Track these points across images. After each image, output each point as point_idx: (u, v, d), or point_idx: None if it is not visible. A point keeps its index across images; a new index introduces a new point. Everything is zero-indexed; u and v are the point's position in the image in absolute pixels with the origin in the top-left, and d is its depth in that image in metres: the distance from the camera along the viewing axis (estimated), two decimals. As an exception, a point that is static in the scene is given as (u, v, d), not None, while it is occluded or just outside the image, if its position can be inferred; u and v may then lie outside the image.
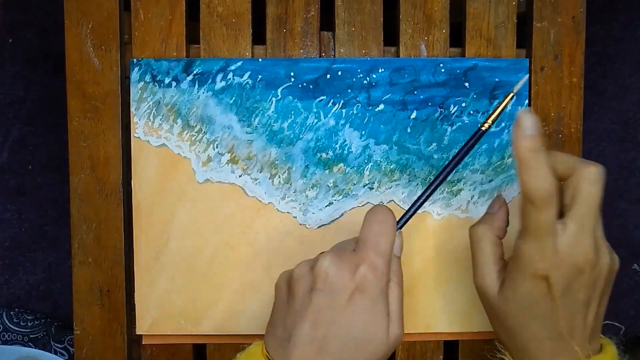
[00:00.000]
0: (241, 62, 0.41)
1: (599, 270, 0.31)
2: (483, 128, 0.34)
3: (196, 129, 0.41)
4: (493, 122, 0.34)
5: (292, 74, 0.41)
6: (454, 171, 0.42)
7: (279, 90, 0.41)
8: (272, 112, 0.41)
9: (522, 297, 0.31)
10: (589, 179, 0.30)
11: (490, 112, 0.34)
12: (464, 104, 0.41)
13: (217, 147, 0.41)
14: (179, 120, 0.41)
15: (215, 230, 0.41)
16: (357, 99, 0.41)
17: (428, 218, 0.42)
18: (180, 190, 0.41)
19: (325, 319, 0.31)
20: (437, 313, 0.42)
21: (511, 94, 0.34)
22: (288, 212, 0.42)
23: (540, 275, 0.30)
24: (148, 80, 0.41)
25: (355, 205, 0.42)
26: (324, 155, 0.41)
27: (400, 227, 0.35)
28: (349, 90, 0.41)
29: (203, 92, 0.41)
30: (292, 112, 0.41)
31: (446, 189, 0.42)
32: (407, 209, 0.36)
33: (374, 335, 0.31)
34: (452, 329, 0.42)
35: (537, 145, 0.29)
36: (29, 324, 0.83)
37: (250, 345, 0.34)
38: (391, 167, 0.42)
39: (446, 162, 0.42)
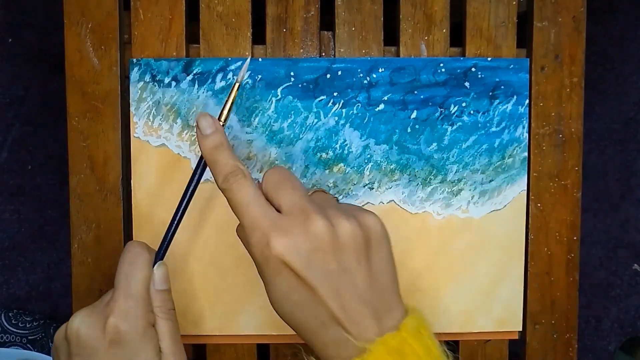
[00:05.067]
0: (241, 61, 0.41)
1: (342, 237, 0.29)
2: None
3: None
4: (228, 114, 0.34)
5: (292, 73, 0.41)
6: (454, 171, 0.42)
7: (279, 90, 0.41)
8: (272, 112, 0.41)
9: (280, 294, 0.29)
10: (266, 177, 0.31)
11: (221, 109, 0.34)
12: (464, 104, 0.41)
13: (217, 147, 0.41)
14: (178, 120, 0.41)
15: (215, 230, 0.41)
16: (357, 98, 0.41)
17: (428, 218, 0.42)
18: (180, 190, 0.41)
19: None
20: (437, 313, 0.42)
21: (237, 84, 0.34)
22: (288, 212, 0.42)
23: (277, 260, 0.28)
24: (148, 80, 0.41)
25: (356, 205, 0.42)
26: (324, 155, 0.41)
27: (162, 258, 0.34)
28: (349, 90, 0.41)
29: (203, 92, 0.41)
30: (292, 112, 0.41)
31: (446, 189, 0.42)
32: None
33: None
34: (452, 329, 0.42)
35: (216, 141, 0.31)
36: (28, 325, 0.83)
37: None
38: (391, 167, 0.42)
39: (446, 162, 0.42)
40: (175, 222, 0.34)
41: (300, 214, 0.29)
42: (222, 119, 0.34)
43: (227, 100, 0.34)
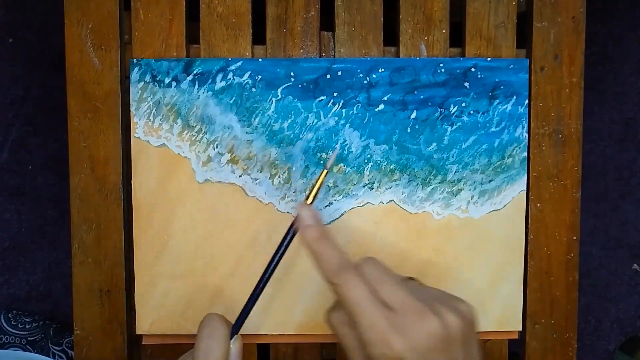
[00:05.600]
0: (241, 62, 0.41)
1: (451, 333, 0.30)
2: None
3: (196, 129, 0.41)
4: (315, 197, 0.35)
5: (292, 74, 0.41)
6: (454, 171, 0.42)
7: (279, 90, 0.41)
8: (272, 112, 0.41)
9: None
10: (364, 262, 0.31)
11: (310, 188, 0.35)
12: (464, 104, 0.41)
13: (217, 147, 0.41)
14: (179, 120, 0.41)
15: (215, 230, 0.41)
16: (357, 99, 0.41)
17: (428, 218, 0.42)
18: (180, 190, 0.41)
19: None
20: (437, 313, 0.42)
21: (325, 171, 0.35)
22: (288, 212, 0.42)
23: (396, 358, 0.29)
24: (148, 80, 0.41)
25: (355, 205, 0.42)
26: (324, 155, 0.41)
27: (237, 331, 0.35)
28: (349, 90, 0.41)
29: (203, 92, 0.41)
30: (292, 112, 0.41)
31: (446, 189, 0.42)
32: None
33: None
34: (452, 329, 0.42)
35: (319, 231, 0.32)
36: (27, 326, 0.83)
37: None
38: (391, 167, 0.42)
39: (446, 162, 0.42)
40: (256, 295, 0.35)
41: (413, 313, 0.30)
42: (310, 200, 0.35)
43: (315, 184, 0.35)
